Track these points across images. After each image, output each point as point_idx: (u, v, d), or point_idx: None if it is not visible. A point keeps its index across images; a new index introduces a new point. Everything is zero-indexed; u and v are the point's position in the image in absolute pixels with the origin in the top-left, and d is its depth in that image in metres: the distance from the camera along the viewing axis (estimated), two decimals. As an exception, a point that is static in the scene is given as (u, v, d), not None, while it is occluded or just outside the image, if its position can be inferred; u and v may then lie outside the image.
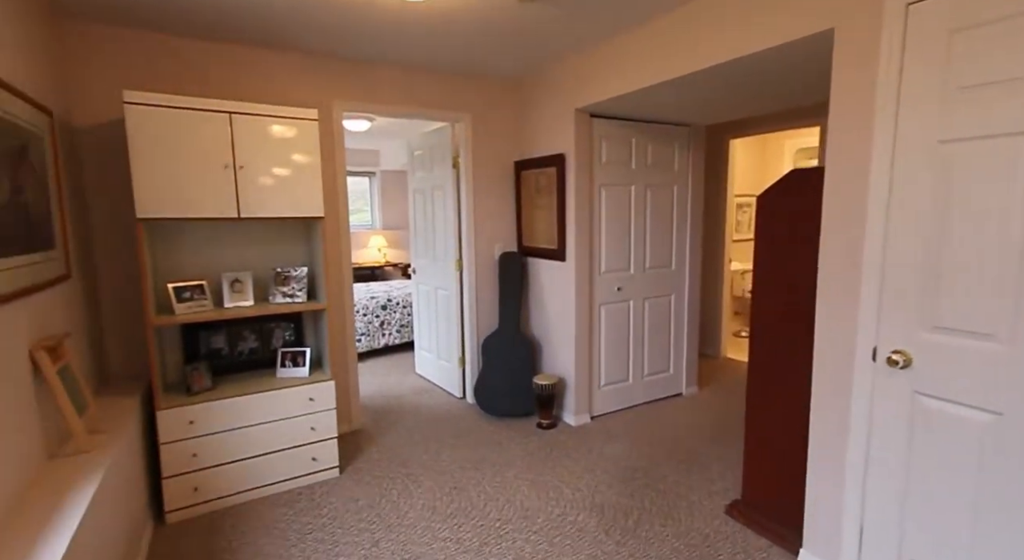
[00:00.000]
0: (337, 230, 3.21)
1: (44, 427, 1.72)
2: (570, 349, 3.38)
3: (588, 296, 3.35)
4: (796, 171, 2.09)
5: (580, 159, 3.20)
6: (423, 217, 4.21)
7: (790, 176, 2.10)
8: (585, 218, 3.27)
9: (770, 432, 2.23)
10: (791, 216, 2.07)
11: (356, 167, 7.45)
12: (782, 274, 2.12)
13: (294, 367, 2.80)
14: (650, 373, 3.73)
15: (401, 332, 5.28)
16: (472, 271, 3.71)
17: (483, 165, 3.67)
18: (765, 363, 2.22)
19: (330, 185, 3.15)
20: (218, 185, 2.37)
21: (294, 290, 2.82)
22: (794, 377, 2.11)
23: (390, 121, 5.30)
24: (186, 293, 2.55)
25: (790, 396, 2.13)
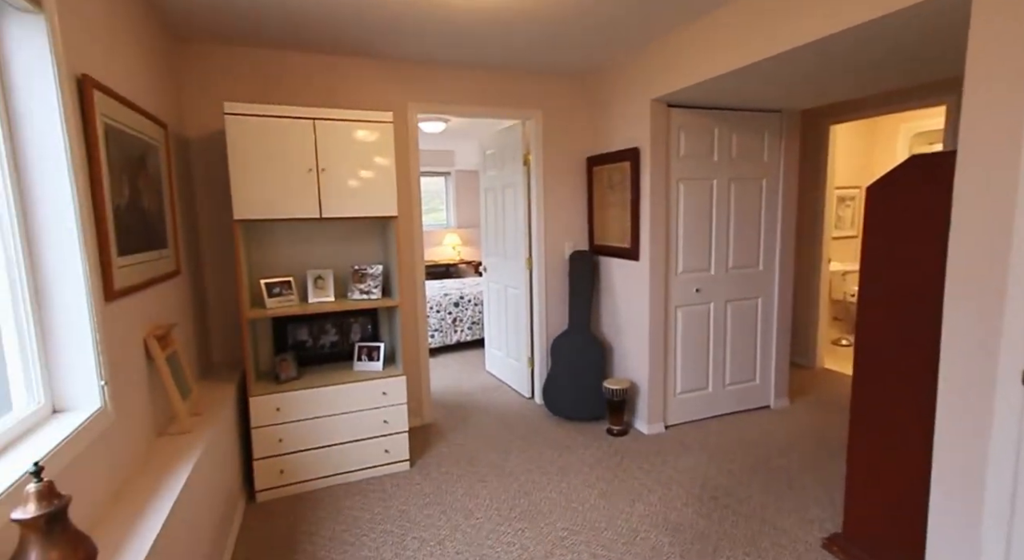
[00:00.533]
0: (411, 229, 3.29)
1: (154, 407, 1.90)
2: (643, 353, 3.22)
3: (663, 298, 3.18)
4: (917, 157, 1.81)
5: (656, 152, 3.03)
6: (494, 216, 4.22)
7: (909, 163, 1.82)
8: (660, 215, 3.10)
9: (880, 457, 1.97)
10: (910, 209, 1.80)
11: (432, 167, 7.67)
12: (897, 277, 1.86)
13: (369, 361, 2.91)
14: (733, 382, 3.47)
15: (473, 329, 5.35)
16: (542, 270, 3.66)
17: (554, 162, 3.60)
18: (874, 378, 1.96)
19: (404, 185, 3.24)
20: (302, 187, 2.51)
21: (370, 287, 2.93)
22: (911, 396, 1.84)
23: (464, 121, 5.38)
24: (276, 288, 2.73)
25: (906, 417, 1.87)
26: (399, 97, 3.16)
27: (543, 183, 3.59)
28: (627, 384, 3.21)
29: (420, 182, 3.32)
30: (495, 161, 4.12)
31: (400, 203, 3.24)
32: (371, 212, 2.66)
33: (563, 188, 3.65)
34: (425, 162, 7.57)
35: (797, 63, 2.28)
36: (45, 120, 1.30)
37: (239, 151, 2.38)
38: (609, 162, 3.39)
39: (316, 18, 2.43)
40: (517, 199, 3.78)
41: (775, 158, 3.37)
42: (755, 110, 3.27)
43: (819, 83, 2.65)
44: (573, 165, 3.66)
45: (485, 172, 4.35)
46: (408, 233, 3.29)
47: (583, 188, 3.71)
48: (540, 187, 3.58)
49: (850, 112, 3.94)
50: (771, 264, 3.47)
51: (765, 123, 3.31)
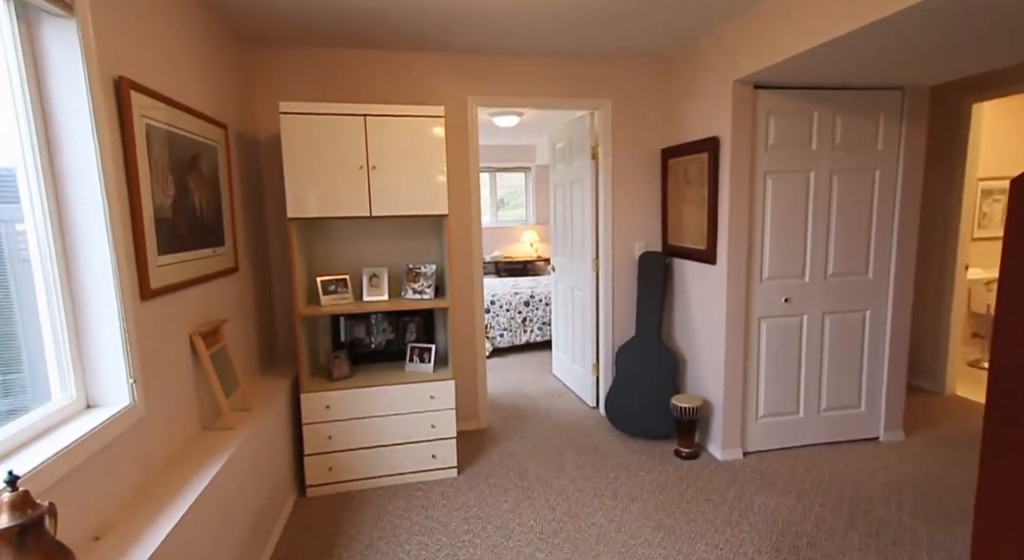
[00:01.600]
0: (468, 227, 3.19)
1: (200, 402, 1.97)
2: (719, 368, 2.85)
3: (744, 307, 2.78)
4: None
5: (738, 142, 2.64)
6: (562, 213, 4.01)
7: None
8: (742, 213, 2.71)
9: (1020, 512, 1.51)
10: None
11: (511, 163, 7.58)
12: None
13: (420, 363, 2.87)
14: (830, 408, 2.97)
15: (543, 330, 5.18)
16: (609, 271, 3.39)
17: (624, 155, 3.31)
18: (1014, 407, 1.51)
19: (462, 182, 3.15)
20: (353, 186, 2.50)
21: (423, 287, 2.87)
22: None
23: (541, 115, 5.20)
24: (331, 286, 2.77)
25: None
26: (457, 91, 3.07)
27: (612, 178, 3.32)
28: (699, 402, 2.87)
29: (480, 179, 3.21)
30: (564, 155, 3.91)
31: (457, 200, 3.15)
32: (420, 210, 2.59)
33: (633, 183, 3.35)
34: (505, 157, 7.51)
35: (926, 23, 1.82)
36: (77, 122, 1.33)
37: (293, 150, 2.41)
38: (685, 154, 3.04)
39: (371, 13, 2.39)
40: (584, 195, 3.54)
41: (892, 145, 2.81)
42: (867, 88, 2.74)
43: (957, 49, 2.12)
44: (645, 158, 3.34)
45: (554, 167, 4.15)
46: (465, 232, 3.19)
47: (656, 183, 3.38)
48: (608, 182, 3.31)
49: (1000, 86, 3.20)
50: (884, 270, 2.91)
51: (881, 104, 2.76)
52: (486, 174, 7.64)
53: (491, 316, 5.05)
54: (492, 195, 7.74)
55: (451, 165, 3.12)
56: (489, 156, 7.44)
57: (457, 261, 3.20)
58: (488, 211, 7.76)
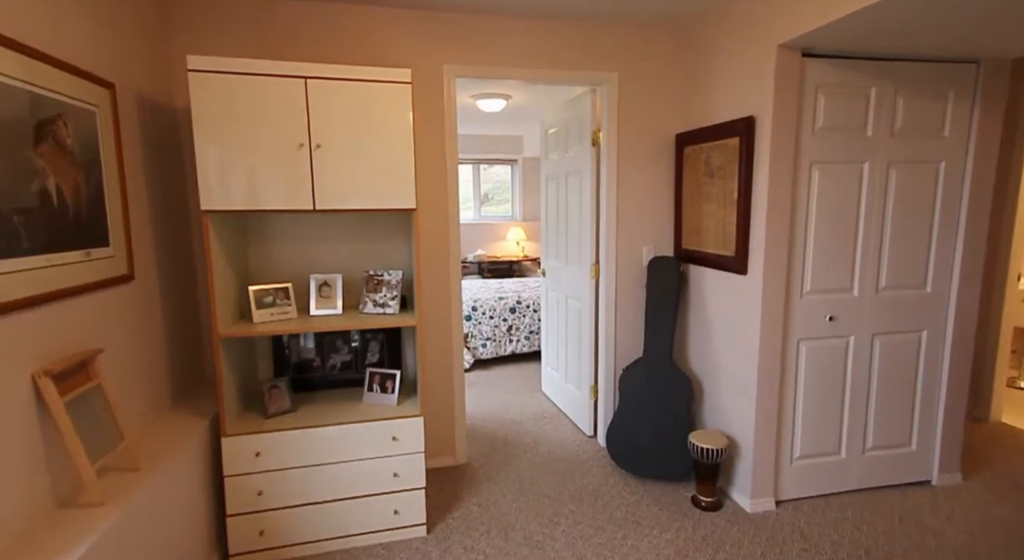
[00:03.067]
0: (444, 224, 2.63)
1: (52, 469, 1.39)
2: (748, 400, 2.34)
3: (781, 326, 2.27)
4: None
5: (781, 124, 2.12)
6: (555, 209, 3.46)
7: None
8: (783, 212, 2.19)
9: None
10: None
11: (497, 154, 7.02)
12: None
13: (382, 393, 2.30)
14: (877, 446, 2.48)
15: (530, 339, 4.64)
16: (611, 279, 2.86)
17: (632, 141, 2.78)
18: None
19: (437, 168, 2.58)
20: (290, 170, 1.92)
21: (386, 298, 2.31)
22: None
23: (531, 100, 4.65)
24: (268, 298, 2.18)
25: None
26: (432, 58, 2.49)
27: (616, 168, 2.78)
28: (724, 442, 2.35)
29: (459, 170, 2.65)
30: (558, 142, 3.36)
31: (430, 192, 2.58)
32: (381, 203, 2.02)
33: (642, 175, 2.82)
34: (490, 148, 6.94)
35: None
36: None
37: (207, 120, 1.82)
38: (708, 139, 2.51)
39: (310, -59, 1.81)
40: (583, 189, 2.99)
41: (961, 132, 2.32)
42: (935, 61, 2.24)
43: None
44: (657, 145, 2.81)
45: (546, 156, 3.59)
46: (439, 230, 2.63)
47: (669, 175, 2.85)
48: (612, 173, 2.78)
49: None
50: (944, 283, 2.43)
51: (951, 79, 2.27)
52: (469, 166, 7.06)
53: (472, 324, 4.49)
54: (476, 189, 7.17)
55: (423, 149, 2.55)
56: (473, 147, 6.87)
57: (429, 266, 2.64)
58: (471, 206, 7.19)
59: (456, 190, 2.63)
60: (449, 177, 2.60)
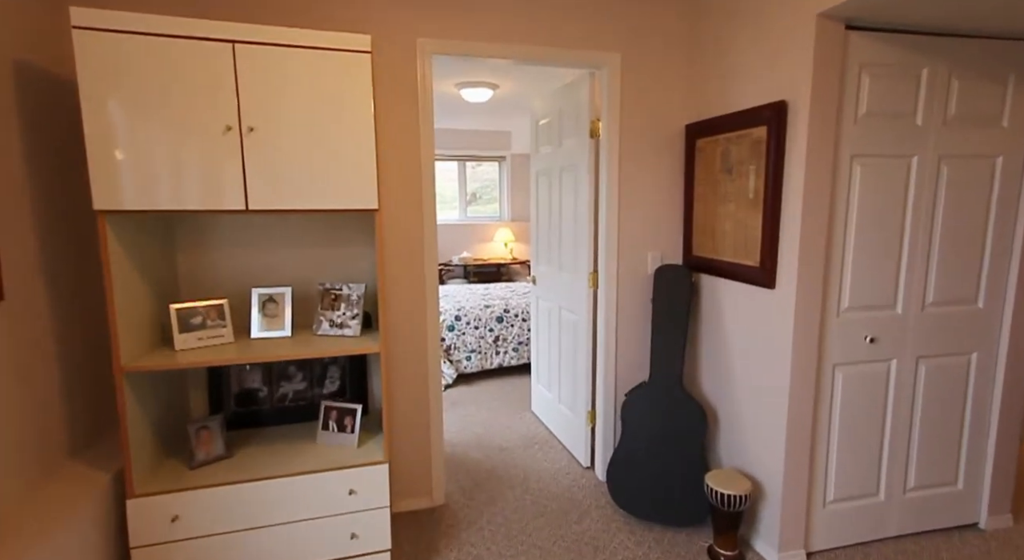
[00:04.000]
0: (419, 228, 2.24)
1: None
2: (776, 435, 1.99)
3: (815, 349, 1.92)
4: None
5: (820, 109, 1.77)
6: (547, 209, 3.09)
7: None
8: (820, 215, 1.84)
9: None
10: None
11: (484, 151, 6.63)
12: None
13: (340, 432, 1.91)
14: (919, 485, 2.15)
15: (519, 351, 4.27)
16: (612, 289, 2.49)
17: (636, 132, 2.42)
18: None
19: (410, 163, 2.19)
20: (215, 159, 1.52)
21: (345, 317, 1.91)
22: None
23: (521, 91, 4.27)
24: (196, 318, 1.77)
25: None
26: (402, 29, 2.10)
27: (619, 163, 2.42)
28: (747, 486, 2.00)
29: (434, 162, 2.27)
30: (550, 134, 2.98)
31: (399, 191, 2.19)
32: (334, 202, 1.63)
33: (647, 171, 2.46)
34: (476, 145, 6.55)
35: None
36: None
37: (98, 94, 1.41)
38: (725, 130, 2.15)
39: None
40: (580, 186, 2.62)
41: (1022, 121, 1.99)
42: (996, 37, 1.90)
43: None
44: (664, 137, 2.45)
45: (537, 150, 3.22)
46: (413, 234, 2.24)
47: (677, 172, 2.50)
48: (614, 169, 2.41)
49: None
50: (998, 298, 2.10)
51: (1013, 59, 1.93)
52: (453, 163, 6.67)
53: (455, 335, 4.11)
54: (461, 187, 6.78)
55: (394, 139, 2.15)
56: (458, 142, 6.48)
57: (401, 277, 2.24)
58: (456, 206, 6.80)
59: (432, 188, 2.24)
60: (424, 173, 2.21)
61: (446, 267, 6.42)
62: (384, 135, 2.13)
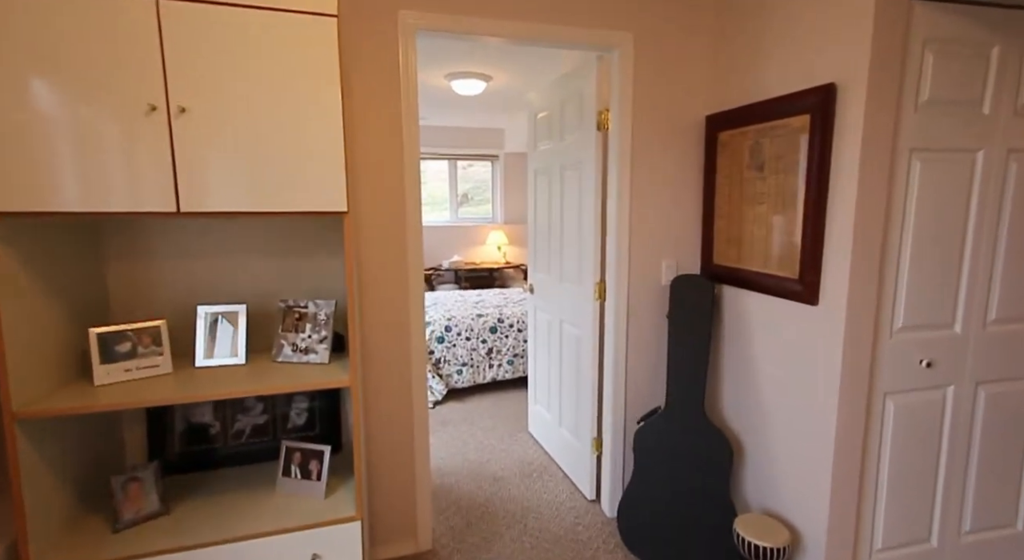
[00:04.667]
0: (401, 233, 1.93)
1: None
2: (818, 474, 1.71)
3: (866, 375, 1.64)
4: None
5: (878, 93, 1.49)
6: (546, 211, 2.79)
7: None
8: (875, 219, 1.56)
9: None
10: None
11: (476, 150, 6.33)
12: None
13: (304, 479, 1.59)
14: (975, 528, 1.88)
15: (514, 363, 3.96)
16: (622, 302, 2.20)
17: (650, 124, 2.13)
18: None
19: (391, 157, 1.88)
20: (135, 147, 1.20)
21: (311, 341, 1.60)
22: None
23: (515, 83, 3.97)
24: (124, 345, 1.45)
25: None
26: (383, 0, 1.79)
27: (630, 159, 2.13)
28: (785, 536, 1.71)
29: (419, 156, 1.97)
30: (550, 128, 2.69)
31: (378, 190, 1.88)
32: (290, 203, 1.32)
33: (662, 169, 2.17)
34: (468, 143, 6.24)
35: None
36: None
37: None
38: (756, 120, 1.87)
39: None
40: (584, 186, 2.33)
41: (1098, 111, 1.73)
42: (1072, 12, 1.64)
43: None
44: (681, 130, 2.17)
45: (535, 146, 2.92)
46: (394, 239, 1.93)
47: (696, 169, 2.21)
48: (625, 166, 2.12)
49: None
50: (1067, 314, 1.83)
51: (1088, 39, 1.67)
52: (444, 163, 6.36)
53: (445, 347, 3.79)
54: (452, 188, 6.46)
55: (371, 130, 1.84)
56: (448, 140, 6.17)
57: (379, 290, 1.93)
58: (447, 207, 6.48)
59: (417, 188, 1.93)
60: (408, 171, 1.90)
61: (436, 272, 6.11)
62: (361, 126, 1.82)
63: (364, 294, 1.89)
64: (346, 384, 1.44)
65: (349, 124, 1.79)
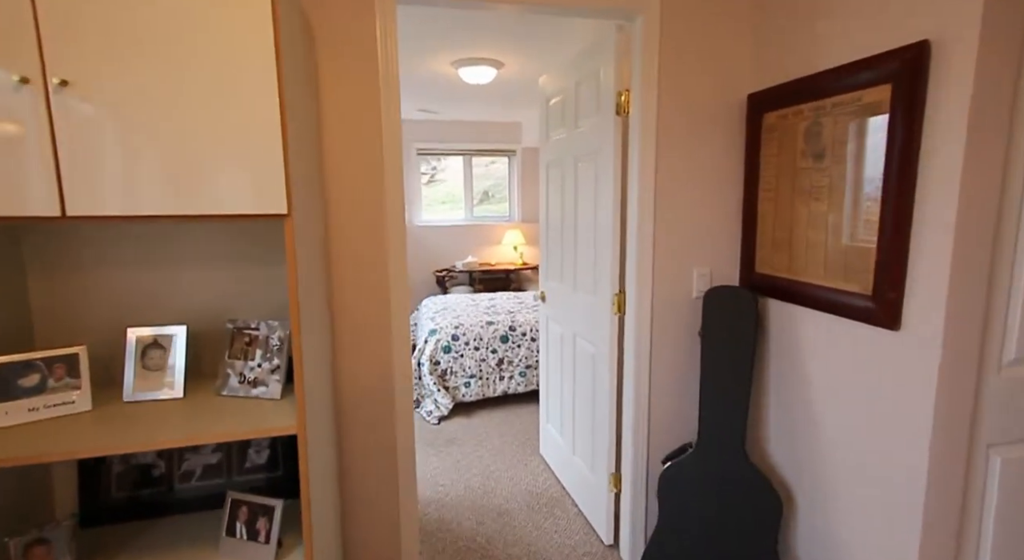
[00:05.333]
0: (380, 238, 1.63)
1: None
2: (901, 541, 1.34)
3: (967, 421, 1.27)
4: None
5: (992, 50, 1.11)
6: (558, 209, 2.46)
7: None
8: (983, 216, 1.18)
9: None
10: None
11: (491, 144, 6.02)
12: None
13: (250, 540, 1.30)
14: (1102, 613, 1.47)
15: (527, 375, 3.64)
16: (644, 316, 1.86)
17: (678, 106, 1.78)
18: None
19: (367, 151, 1.58)
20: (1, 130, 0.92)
21: (261, 371, 1.31)
22: None
23: (529, 68, 3.64)
24: (28, 378, 1.19)
25: None
26: (354, -42, 1.49)
27: (655, 148, 1.78)
28: (852, 622, 1.35)
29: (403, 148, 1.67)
30: (563, 114, 2.35)
31: (352, 188, 1.58)
32: (210, 204, 1.03)
33: (693, 159, 1.82)
34: (482, 137, 5.94)
35: None
36: None
37: None
38: (814, 97, 1.50)
39: None
40: (601, 180, 1.99)
41: None
42: None
43: None
44: (715, 114, 1.81)
45: (547, 136, 2.59)
46: (374, 249, 1.63)
47: (735, 159, 1.85)
48: (648, 155, 1.78)
49: None
50: None
51: None
52: (458, 158, 6.07)
53: (452, 357, 3.50)
54: (467, 185, 6.17)
55: (343, 119, 1.55)
56: (462, 135, 5.88)
57: (352, 309, 1.63)
58: (463, 207, 6.20)
59: (399, 188, 1.62)
60: (389, 167, 1.60)
61: (449, 273, 5.83)
62: (330, 114, 1.53)
63: (338, 311, 1.60)
64: (292, 431, 1.14)
65: (319, 114, 1.50)
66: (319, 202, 1.48)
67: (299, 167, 1.17)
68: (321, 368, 1.40)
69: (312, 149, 1.39)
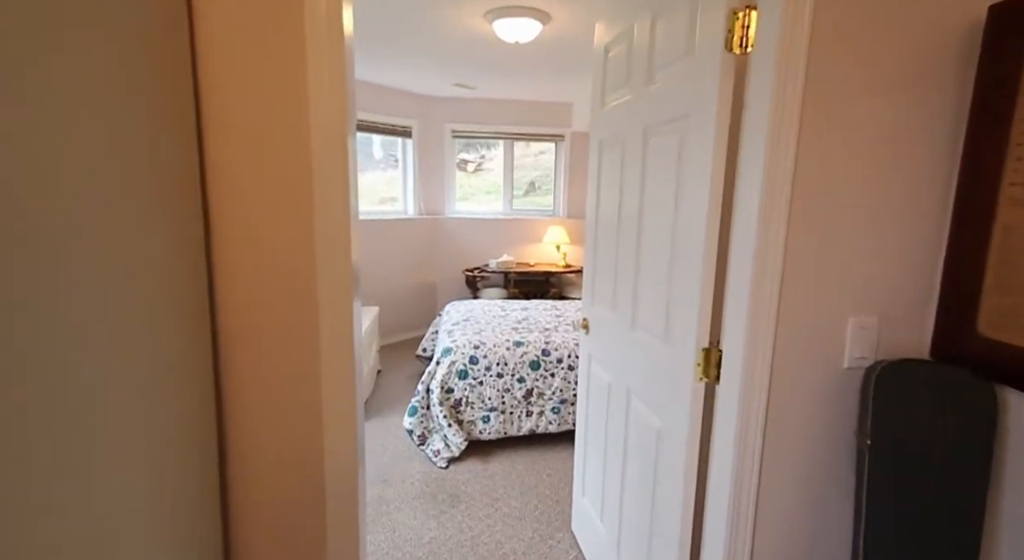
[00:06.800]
0: (310, 255, 0.94)
1: None
2: None
3: None
4: None
5: None
6: (613, 208, 1.69)
7: None
8: None
9: None
10: None
11: (539, 128, 5.27)
12: None
13: None
14: None
15: (560, 412, 2.91)
16: (756, 393, 1.09)
17: (843, 36, 0.98)
18: None
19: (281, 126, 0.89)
20: None
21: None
22: None
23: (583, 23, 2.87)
24: None
25: None
26: None
27: (798, 110, 1.00)
28: None
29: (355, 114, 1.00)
30: (629, 68, 1.58)
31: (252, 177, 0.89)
32: None
33: (864, 130, 1.02)
34: (525, 119, 5.21)
35: None
36: None
37: None
38: None
39: None
40: (689, 163, 1.22)
41: None
42: None
43: None
44: (914, 51, 1.00)
45: (602, 103, 1.82)
46: (296, 265, 0.94)
47: (947, 131, 1.04)
48: (783, 124, 1.00)
49: None
50: None
51: None
52: (500, 141, 5.36)
53: (469, 384, 2.82)
54: (507, 174, 5.46)
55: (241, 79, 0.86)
56: (503, 116, 5.16)
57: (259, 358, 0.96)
58: (501, 198, 5.50)
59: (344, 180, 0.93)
60: (321, 152, 0.90)
61: (480, 273, 5.16)
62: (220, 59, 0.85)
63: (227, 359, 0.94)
64: None
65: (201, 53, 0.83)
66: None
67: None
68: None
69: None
